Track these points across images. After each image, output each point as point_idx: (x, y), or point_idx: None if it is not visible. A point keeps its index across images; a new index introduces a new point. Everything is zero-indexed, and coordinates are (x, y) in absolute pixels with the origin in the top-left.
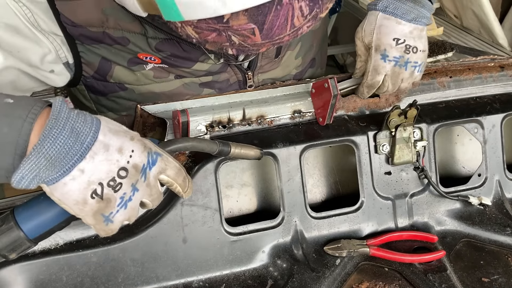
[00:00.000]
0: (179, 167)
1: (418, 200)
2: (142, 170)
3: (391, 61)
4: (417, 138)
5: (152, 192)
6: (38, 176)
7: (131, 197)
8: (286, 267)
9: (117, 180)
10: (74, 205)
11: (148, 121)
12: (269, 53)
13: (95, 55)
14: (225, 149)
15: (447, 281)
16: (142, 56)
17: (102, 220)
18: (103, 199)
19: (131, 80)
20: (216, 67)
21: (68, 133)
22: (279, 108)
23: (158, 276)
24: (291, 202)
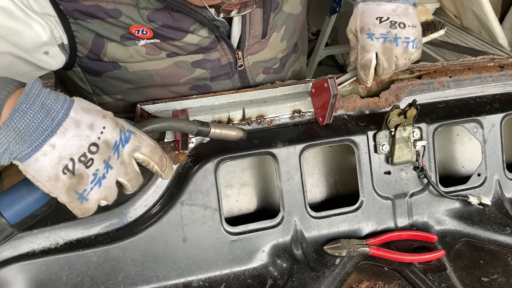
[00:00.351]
0: (154, 145)
1: (417, 199)
2: (114, 147)
3: (379, 38)
4: (416, 138)
5: (127, 171)
6: (8, 150)
7: (105, 175)
8: (286, 266)
9: (88, 155)
10: (47, 181)
11: None
12: (256, 32)
13: (89, 32)
14: (204, 129)
15: (447, 281)
16: (134, 30)
17: (76, 198)
18: (75, 175)
19: (124, 57)
20: (206, 41)
21: (38, 108)
22: (279, 107)
23: (158, 276)
24: (290, 202)
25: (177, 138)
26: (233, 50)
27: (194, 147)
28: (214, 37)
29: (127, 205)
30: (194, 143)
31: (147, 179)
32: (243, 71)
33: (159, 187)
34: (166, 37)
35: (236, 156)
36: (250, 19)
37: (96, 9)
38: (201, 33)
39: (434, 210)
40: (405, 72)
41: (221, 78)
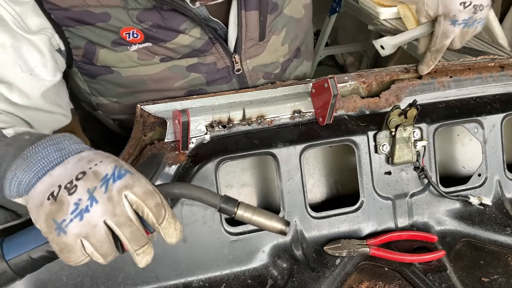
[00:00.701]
0: (151, 189)
1: (418, 200)
2: (103, 179)
3: (461, 24)
4: (417, 138)
5: (116, 211)
6: (15, 177)
7: (89, 208)
8: (286, 267)
9: (74, 182)
10: (35, 209)
11: (148, 121)
12: (253, 35)
13: (81, 39)
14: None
15: (447, 281)
16: (125, 34)
17: (54, 227)
18: (56, 201)
19: (116, 62)
20: (199, 43)
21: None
22: (279, 108)
23: (158, 276)
24: (291, 202)
25: (177, 138)
26: (230, 54)
27: (194, 147)
28: (207, 39)
29: None
30: (194, 143)
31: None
32: (242, 75)
33: None
34: (157, 38)
35: (236, 156)
36: (246, 21)
37: (85, 14)
38: (193, 33)
39: (435, 210)
40: (406, 72)
41: (218, 82)
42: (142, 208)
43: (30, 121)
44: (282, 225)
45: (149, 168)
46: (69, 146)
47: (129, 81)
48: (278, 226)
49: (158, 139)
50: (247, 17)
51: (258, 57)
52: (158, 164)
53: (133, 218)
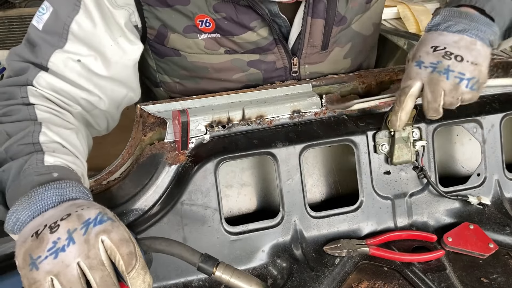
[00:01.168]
0: (127, 237)
1: (417, 199)
2: (84, 222)
3: (427, 67)
4: (416, 138)
5: (90, 254)
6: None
7: (65, 247)
8: (286, 266)
9: (58, 222)
10: (19, 245)
11: (148, 121)
12: (315, 42)
13: (157, 20)
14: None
15: (446, 281)
16: (199, 21)
17: (28, 263)
18: (38, 238)
19: (184, 47)
20: (264, 42)
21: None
22: (279, 108)
23: (158, 275)
24: (290, 202)
25: (177, 138)
26: (290, 56)
27: (194, 147)
28: (272, 39)
29: (127, 205)
30: (194, 143)
31: (148, 179)
32: (298, 78)
33: (159, 187)
34: (227, 31)
35: (236, 156)
36: (311, 28)
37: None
38: (261, 32)
39: (434, 210)
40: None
41: (273, 79)
42: (115, 254)
43: (105, 98)
44: None
45: (149, 168)
46: (70, 193)
47: (193, 66)
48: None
49: (158, 139)
50: (312, 24)
51: (318, 64)
52: (158, 164)
53: (106, 263)
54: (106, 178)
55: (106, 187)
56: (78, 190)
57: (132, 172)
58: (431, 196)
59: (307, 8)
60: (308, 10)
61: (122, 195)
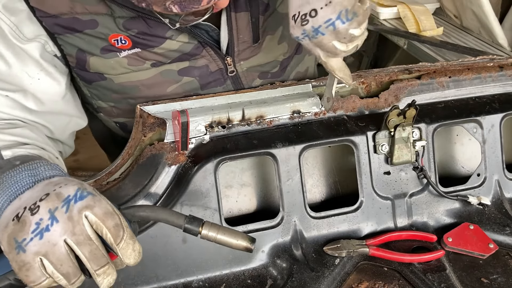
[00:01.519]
0: (111, 210)
1: (417, 200)
2: (65, 200)
3: (304, 38)
4: (416, 138)
5: (75, 230)
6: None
7: (49, 227)
8: (286, 266)
9: (37, 203)
10: (1, 231)
11: (148, 122)
12: (245, 37)
13: (72, 46)
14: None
15: (446, 281)
16: (114, 41)
17: (14, 247)
18: (19, 221)
19: (107, 69)
20: (188, 47)
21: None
22: (278, 108)
23: (158, 276)
24: (290, 202)
25: (177, 138)
26: (222, 56)
27: (194, 147)
28: (196, 42)
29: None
30: (193, 144)
31: (148, 179)
32: (236, 76)
33: (159, 188)
34: (145, 44)
35: (236, 156)
36: (237, 23)
37: (73, 21)
38: (181, 39)
39: (434, 210)
40: (405, 72)
41: (211, 85)
42: (101, 228)
43: (49, 126)
44: (247, 243)
45: (149, 168)
46: (43, 172)
47: (122, 87)
48: (243, 243)
49: (158, 139)
50: (238, 19)
51: (253, 58)
52: (157, 164)
53: (93, 238)
54: (106, 179)
55: (106, 188)
56: (51, 167)
57: (132, 172)
58: (431, 196)
59: (229, 5)
60: (230, 7)
61: (122, 195)
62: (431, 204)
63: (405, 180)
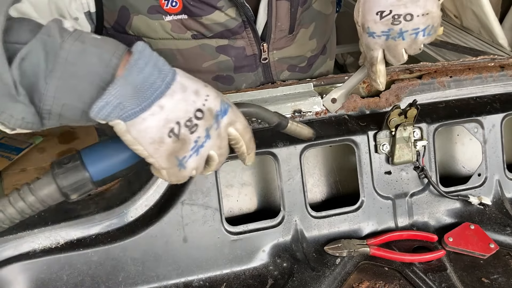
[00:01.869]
0: (247, 124)
1: (418, 199)
2: (215, 116)
3: (381, 36)
4: (417, 138)
5: (221, 144)
6: (121, 105)
7: (204, 144)
8: (286, 266)
9: (194, 121)
10: (151, 144)
11: None
12: (283, 25)
13: (118, 1)
14: (283, 123)
15: (447, 281)
16: (164, 1)
17: (176, 164)
18: (179, 139)
19: (149, 31)
20: (233, 23)
21: (152, 66)
22: (280, 107)
23: (158, 275)
24: (291, 202)
25: None
26: (259, 41)
27: None
28: (241, 21)
29: (127, 204)
30: None
31: (148, 178)
32: (267, 65)
33: (160, 187)
34: (194, 11)
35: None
36: (277, 11)
37: None
38: (229, 12)
39: (435, 210)
40: (406, 72)
41: (244, 69)
42: (239, 140)
43: None
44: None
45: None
46: (164, 67)
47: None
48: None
49: None
50: (278, 7)
51: (286, 49)
52: None
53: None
54: None
55: (106, 187)
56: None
57: None
58: (432, 196)
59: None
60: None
61: (123, 194)
62: (432, 204)
63: (406, 180)
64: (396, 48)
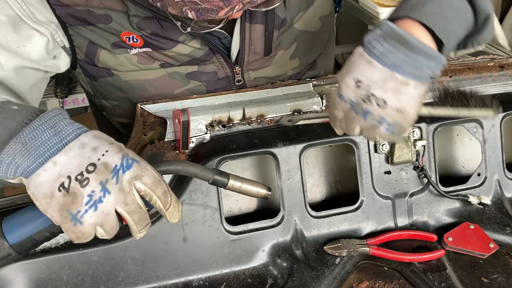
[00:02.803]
0: (157, 177)
1: (417, 199)
2: (113, 170)
3: (346, 103)
4: (416, 138)
5: (127, 200)
6: (14, 162)
7: (102, 199)
8: (286, 266)
9: (85, 174)
10: (43, 198)
11: (148, 120)
12: (256, 49)
13: (83, 38)
14: (222, 179)
15: (447, 280)
16: (125, 38)
17: (69, 218)
18: (69, 193)
19: (116, 65)
20: (199, 53)
21: (48, 127)
22: (279, 107)
23: (158, 275)
24: (291, 201)
25: (177, 137)
26: (231, 64)
27: (195, 146)
28: (208, 49)
29: None
30: (194, 143)
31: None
32: (243, 85)
33: None
34: (156, 46)
35: (237, 155)
36: (250, 34)
37: (87, 14)
38: (192, 44)
39: (434, 209)
40: None
41: (218, 91)
42: (151, 196)
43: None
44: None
45: None
46: (65, 128)
47: (128, 85)
48: (263, 191)
49: (158, 138)
50: (251, 30)
51: (262, 69)
52: None
53: (141, 205)
54: None
55: None
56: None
57: None
58: (432, 196)
59: (244, 15)
60: (245, 17)
61: None
62: (431, 204)
63: (406, 180)
64: (352, 121)
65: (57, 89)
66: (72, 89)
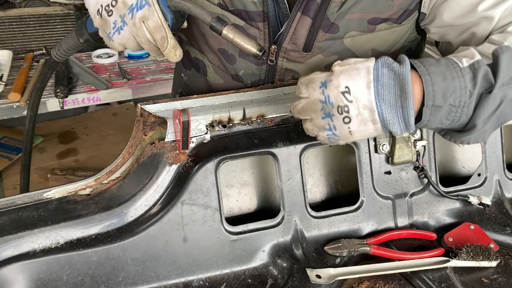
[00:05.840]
0: (160, 24)
1: (418, 199)
2: (129, 8)
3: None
4: (417, 138)
5: (138, 33)
6: None
7: (122, 27)
8: (286, 266)
9: (110, 7)
10: (93, 16)
11: (149, 120)
12: (297, 39)
13: None
14: (217, 26)
15: (447, 280)
16: None
17: (105, 36)
18: (102, 18)
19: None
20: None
21: None
22: (279, 107)
23: (158, 275)
24: (291, 202)
25: (177, 137)
26: (271, 40)
27: (195, 146)
28: (261, 10)
29: (127, 204)
30: (194, 143)
31: (148, 178)
32: (274, 68)
33: (160, 187)
34: None
35: (237, 155)
36: (297, 24)
37: None
38: None
39: (434, 210)
40: None
41: (249, 59)
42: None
43: None
44: (256, 50)
45: (149, 167)
46: None
47: None
48: (253, 50)
49: (159, 138)
50: (299, 20)
51: (296, 64)
52: (158, 163)
53: (151, 40)
54: (106, 178)
55: (106, 186)
56: None
57: (133, 171)
58: (432, 196)
59: (300, 3)
60: (300, 5)
61: (123, 194)
62: (431, 204)
63: (406, 180)
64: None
65: (57, 89)
66: (72, 89)
